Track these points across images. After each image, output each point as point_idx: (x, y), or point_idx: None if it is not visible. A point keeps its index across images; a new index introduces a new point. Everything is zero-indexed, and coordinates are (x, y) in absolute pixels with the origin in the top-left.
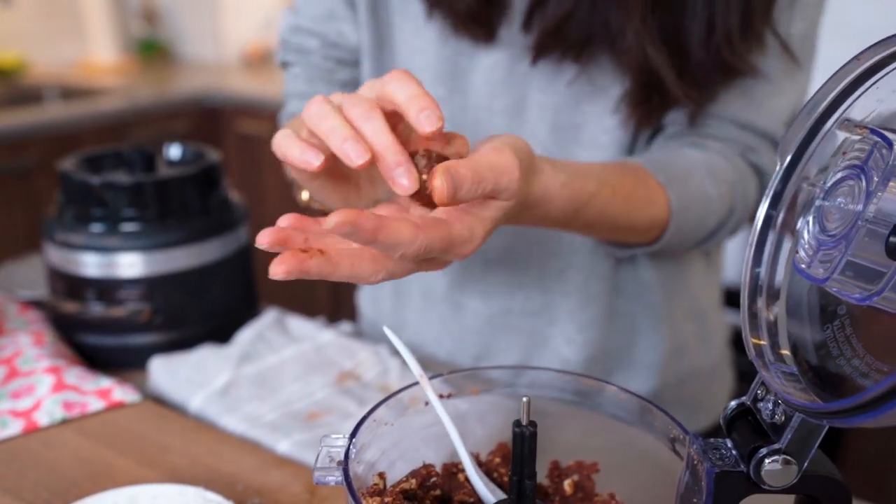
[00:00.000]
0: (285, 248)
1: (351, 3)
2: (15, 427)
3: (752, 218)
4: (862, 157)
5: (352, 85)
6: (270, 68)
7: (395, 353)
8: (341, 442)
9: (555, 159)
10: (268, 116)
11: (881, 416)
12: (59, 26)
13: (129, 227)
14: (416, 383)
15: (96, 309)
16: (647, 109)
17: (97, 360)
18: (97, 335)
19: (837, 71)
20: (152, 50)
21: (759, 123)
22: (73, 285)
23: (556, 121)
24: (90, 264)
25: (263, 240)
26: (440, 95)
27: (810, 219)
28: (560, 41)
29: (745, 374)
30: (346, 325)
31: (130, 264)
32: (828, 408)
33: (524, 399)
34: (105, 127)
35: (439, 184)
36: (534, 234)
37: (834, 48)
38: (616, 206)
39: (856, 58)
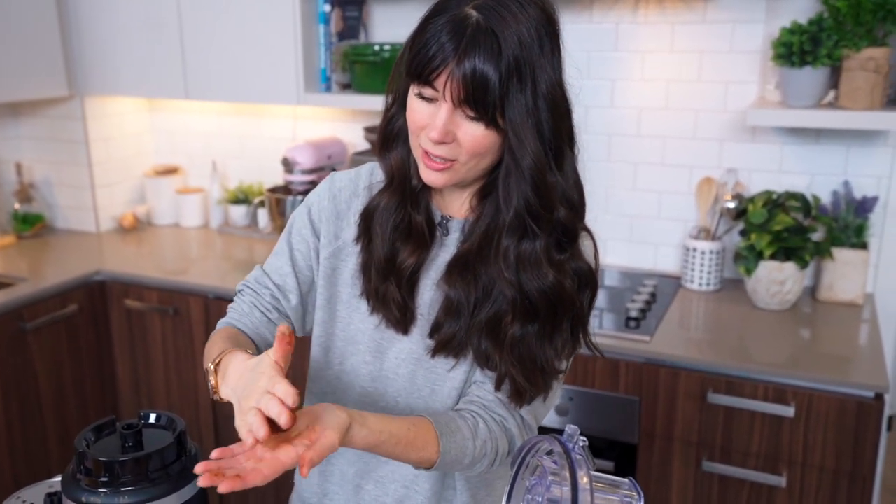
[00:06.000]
0: (219, 475)
1: (298, 285)
2: None
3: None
4: (539, 474)
5: (273, 322)
6: (142, 234)
7: None
8: None
9: (366, 419)
10: (150, 293)
11: None
12: None
13: (127, 487)
14: None
15: None
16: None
17: None
18: None
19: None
20: (31, 224)
21: (520, 412)
22: None
23: (433, 387)
24: None
25: (199, 470)
26: (367, 360)
27: (523, 501)
28: (447, 347)
29: None
30: None
31: None
32: None
33: None
34: (4, 317)
35: (306, 464)
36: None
37: None
38: (398, 448)
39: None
